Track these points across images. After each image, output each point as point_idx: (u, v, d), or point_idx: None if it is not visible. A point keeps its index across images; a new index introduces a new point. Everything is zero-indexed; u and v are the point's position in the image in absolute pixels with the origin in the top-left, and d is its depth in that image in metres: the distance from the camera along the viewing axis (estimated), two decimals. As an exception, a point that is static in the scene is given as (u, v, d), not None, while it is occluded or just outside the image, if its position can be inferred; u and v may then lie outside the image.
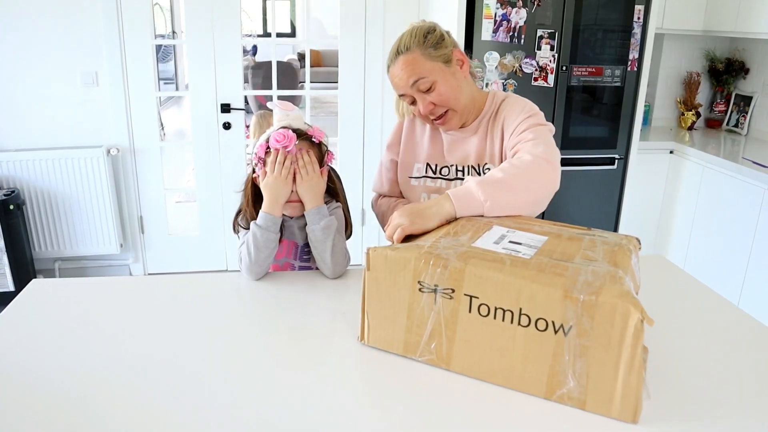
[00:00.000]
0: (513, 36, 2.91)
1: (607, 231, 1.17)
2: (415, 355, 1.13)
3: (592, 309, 0.94)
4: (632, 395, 0.95)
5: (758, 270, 2.79)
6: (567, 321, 0.96)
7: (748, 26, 3.22)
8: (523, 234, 1.16)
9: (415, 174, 1.63)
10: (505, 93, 1.60)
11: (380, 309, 1.15)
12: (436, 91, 1.47)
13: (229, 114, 3.36)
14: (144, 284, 1.54)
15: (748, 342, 1.23)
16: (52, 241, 3.28)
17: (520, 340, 1.01)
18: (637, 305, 0.92)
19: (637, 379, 0.94)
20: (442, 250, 1.08)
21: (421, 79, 1.45)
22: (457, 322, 1.06)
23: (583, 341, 0.95)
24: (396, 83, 1.50)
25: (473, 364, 1.07)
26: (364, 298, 1.16)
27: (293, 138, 1.43)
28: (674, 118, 3.94)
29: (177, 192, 4.86)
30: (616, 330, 0.93)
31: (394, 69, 1.48)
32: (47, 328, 1.24)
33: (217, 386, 1.05)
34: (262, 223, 1.44)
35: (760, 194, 2.76)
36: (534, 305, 0.98)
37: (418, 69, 1.45)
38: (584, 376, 0.97)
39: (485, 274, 1.01)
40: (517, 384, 1.04)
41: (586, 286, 0.96)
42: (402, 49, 1.47)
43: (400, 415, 0.98)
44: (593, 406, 0.98)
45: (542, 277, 0.99)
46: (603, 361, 0.95)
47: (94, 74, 3.15)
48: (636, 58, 3.07)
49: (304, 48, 3.65)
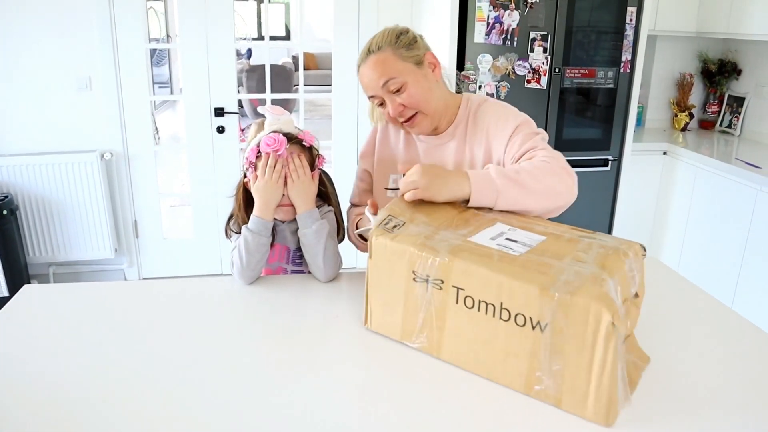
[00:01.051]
0: (506, 38, 2.91)
1: (611, 236, 1.15)
2: (410, 341, 1.17)
3: (566, 308, 0.94)
4: (605, 398, 0.94)
5: (752, 270, 2.80)
6: (543, 318, 0.97)
7: (740, 27, 3.24)
8: (522, 233, 1.16)
9: (391, 185, 1.59)
10: (481, 97, 1.56)
11: (381, 296, 1.19)
12: (407, 92, 1.43)
13: (223, 118, 3.36)
14: (137, 288, 1.54)
15: (741, 344, 1.23)
16: (46, 246, 3.26)
17: (502, 334, 1.03)
18: (611, 307, 0.91)
19: (609, 382, 0.93)
20: (437, 242, 1.11)
21: (391, 79, 1.41)
22: (446, 313, 1.09)
23: (557, 339, 0.96)
24: (366, 83, 1.46)
25: (461, 354, 1.11)
26: (367, 285, 1.21)
27: (284, 142, 1.43)
28: (667, 119, 3.95)
29: (171, 196, 4.85)
30: (589, 331, 0.93)
31: (364, 69, 1.45)
32: (40, 334, 1.24)
33: (211, 390, 1.05)
34: (254, 228, 1.43)
35: (753, 195, 2.77)
36: (513, 301, 1.00)
37: (388, 69, 1.41)
38: (560, 375, 0.98)
39: (470, 268, 1.04)
40: (499, 377, 1.07)
41: (564, 285, 0.96)
42: (373, 49, 1.43)
43: (391, 414, 0.98)
44: (569, 406, 0.99)
45: (523, 273, 1.00)
46: (577, 361, 0.95)
47: (88, 79, 3.15)
48: (629, 59, 3.08)
49: (298, 51, 3.65)
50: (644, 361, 1.11)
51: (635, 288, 1.07)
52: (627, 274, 1.04)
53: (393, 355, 1.17)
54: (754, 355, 1.18)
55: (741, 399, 1.04)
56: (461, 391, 1.06)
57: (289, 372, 1.11)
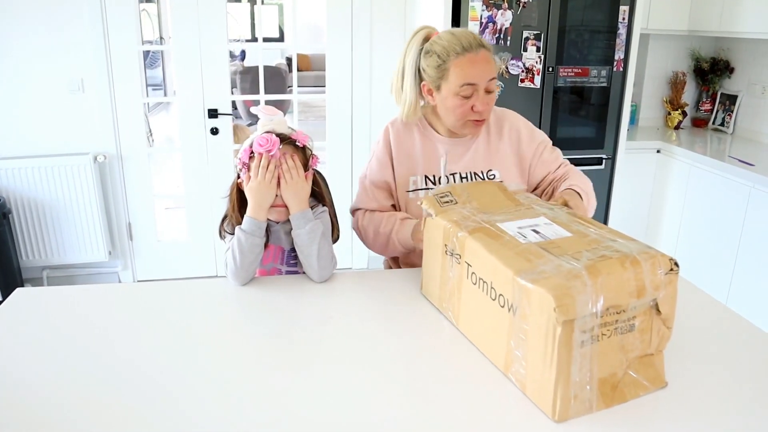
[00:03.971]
0: (499, 38, 2.92)
1: (641, 243, 1.06)
2: (443, 310, 1.29)
3: (528, 294, 0.97)
4: (550, 389, 0.95)
5: (746, 267, 2.81)
6: (515, 302, 1.00)
7: (732, 26, 3.25)
8: (554, 228, 1.16)
9: (411, 187, 1.62)
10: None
11: (429, 264, 1.33)
12: (493, 96, 1.52)
13: (216, 119, 3.35)
14: (131, 291, 1.53)
15: (737, 341, 1.23)
16: (40, 249, 3.25)
17: (490, 312, 1.09)
18: (561, 299, 0.90)
19: (556, 374, 0.93)
20: (469, 221, 1.20)
21: (494, 79, 1.50)
22: (462, 286, 1.19)
23: (522, 324, 1.00)
24: (477, 72, 1.49)
25: (469, 327, 1.20)
26: (424, 255, 1.36)
27: (277, 142, 1.43)
28: (661, 117, 3.96)
29: (165, 198, 4.83)
30: (545, 319, 0.94)
31: (476, 58, 1.48)
32: (33, 337, 1.23)
33: (206, 392, 1.05)
34: (247, 228, 1.43)
35: (747, 192, 2.78)
36: (498, 282, 1.05)
37: (494, 71, 1.51)
38: (525, 361, 1.01)
39: (476, 247, 1.11)
40: (490, 354, 1.12)
41: (536, 273, 0.97)
42: (483, 43, 1.50)
43: (386, 415, 0.98)
44: (530, 392, 1.01)
45: (511, 257, 1.04)
46: (537, 348, 0.97)
47: (81, 81, 3.14)
48: (621, 58, 3.09)
49: (292, 52, 3.64)
50: (655, 383, 1.04)
51: (645, 300, 0.99)
52: (628, 282, 0.97)
53: (388, 355, 1.17)
54: (751, 351, 1.19)
55: (738, 393, 1.04)
56: (461, 392, 1.05)
57: (283, 373, 1.11)
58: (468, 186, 1.36)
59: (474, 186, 1.37)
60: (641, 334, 1.00)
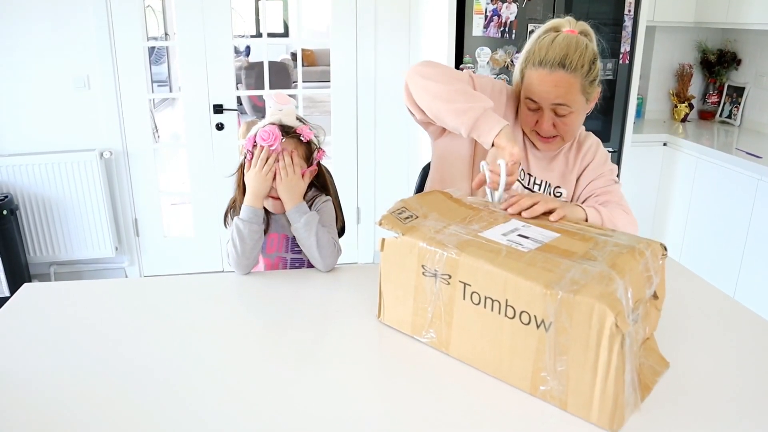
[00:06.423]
0: (504, 31, 2.90)
1: (629, 234, 1.12)
2: (420, 336, 1.17)
3: (570, 307, 0.91)
4: (609, 402, 0.91)
5: (753, 259, 2.80)
6: (548, 317, 0.94)
7: (739, 17, 3.22)
8: (536, 229, 1.14)
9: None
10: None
11: (393, 289, 1.19)
12: (566, 120, 1.42)
13: (222, 115, 3.35)
14: (138, 286, 1.54)
15: (746, 334, 1.23)
16: (47, 245, 3.27)
17: (507, 332, 1.01)
18: (615, 307, 0.88)
19: (615, 385, 0.90)
20: (446, 236, 1.10)
21: (565, 105, 1.39)
22: (454, 308, 1.08)
23: (562, 339, 0.93)
24: (539, 91, 1.39)
25: (468, 351, 1.09)
26: (380, 278, 1.21)
27: (278, 137, 1.44)
28: (667, 110, 3.94)
29: (172, 194, 4.84)
30: (593, 331, 0.90)
31: (546, 76, 1.38)
32: (40, 332, 1.23)
33: (215, 386, 1.05)
34: (244, 216, 1.46)
35: (754, 184, 2.77)
36: (518, 298, 0.97)
37: (569, 96, 1.39)
38: (565, 376, 0.95)
39: (476, 264, 1.02)
40: (505, 376, 1.04)
41: (570, 283, 0.93)
42: (567, 64, 1.37)
43: (394, 410, 0.98)
44: (574, 408, 0.96)
45: (529, 270, 0.97)
46: (581, 362, 0.92)
47: (86, 77, 3.14)
48: (627, 51, 3.06)
49: (296, 48, 3.65)
50: (662, 366, 1.07)
51: (652, 289, 1.02)
52: (642, 274, 0.99)
53: (397, 350, 1.17)
54: (760, 345, 1.18)
55: (749, 388, 1.04)
56: (467, 390, 1.05)
57: (289, 367, 1.11)
58: (417, 198, 1.27)
59: (421, 198, 1.28)
60: (643, 322, 1.00)
